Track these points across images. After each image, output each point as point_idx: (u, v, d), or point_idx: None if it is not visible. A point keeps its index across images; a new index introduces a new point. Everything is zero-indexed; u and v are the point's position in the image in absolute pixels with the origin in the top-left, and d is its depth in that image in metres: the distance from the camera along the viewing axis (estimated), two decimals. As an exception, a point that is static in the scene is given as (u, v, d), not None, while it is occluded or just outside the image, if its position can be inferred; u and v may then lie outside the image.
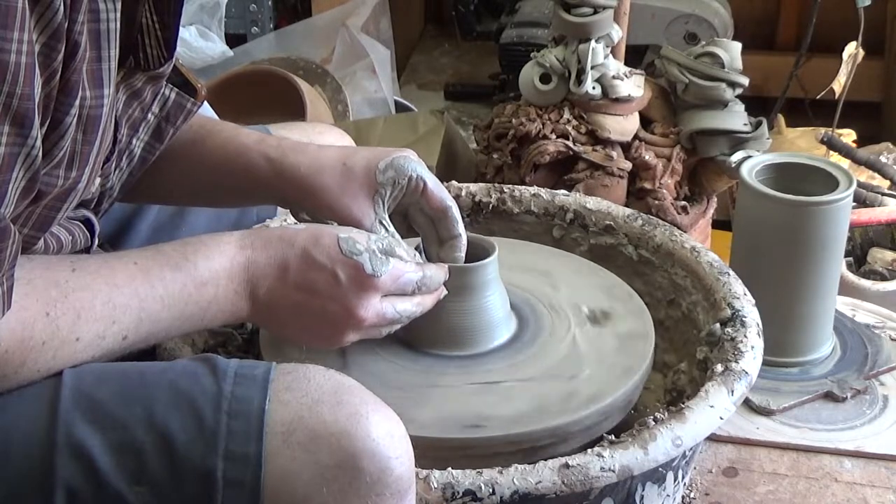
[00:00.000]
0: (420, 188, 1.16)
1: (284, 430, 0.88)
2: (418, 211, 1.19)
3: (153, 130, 1.09)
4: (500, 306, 1.24)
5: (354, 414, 0.89)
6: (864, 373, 1.56)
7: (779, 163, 1.56)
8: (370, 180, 1.14)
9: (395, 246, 1.09)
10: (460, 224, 1.19)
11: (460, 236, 1.18)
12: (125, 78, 1.00)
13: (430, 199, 1.17)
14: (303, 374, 0.92)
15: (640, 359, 1.22)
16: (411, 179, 1.15)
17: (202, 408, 0.88)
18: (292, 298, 1.04)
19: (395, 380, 1.18)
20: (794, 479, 1.42)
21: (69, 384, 0.90)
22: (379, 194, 1.14)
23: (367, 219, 1.13)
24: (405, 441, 0.92)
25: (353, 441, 0.88)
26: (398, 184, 1.15)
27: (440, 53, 3.31)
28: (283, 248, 1.03)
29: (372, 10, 2.68)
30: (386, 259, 1.05)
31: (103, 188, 1.06)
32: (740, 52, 1.83)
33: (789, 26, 3.04)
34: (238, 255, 1.02)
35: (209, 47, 2.56)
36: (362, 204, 1.14)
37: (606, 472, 1.05)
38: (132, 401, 0.89)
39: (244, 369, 0.92)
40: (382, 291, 1.06)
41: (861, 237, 2.05)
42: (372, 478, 0.88)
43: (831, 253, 1.51)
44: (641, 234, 1.43)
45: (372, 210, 1.14)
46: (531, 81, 1.83)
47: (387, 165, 1.14)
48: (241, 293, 1.02)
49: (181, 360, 0.95)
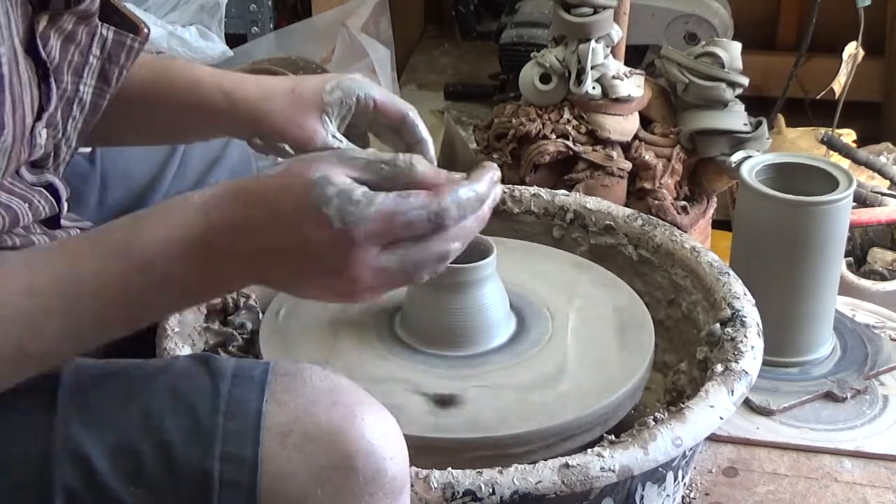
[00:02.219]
0: (371, 105, 1.18)
1: (281, 432, 0.87)
2: (382, 127, 1.21)
3: (98, 73, 1.07)
4: (499, 306, 1.24)
5: (349, 415, 0.89)
6: (864, 373, 1.56)
7: (779, 163, 1.56)
8: (317, 102, 1.16)
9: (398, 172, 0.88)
10: (422, 128, 1.20)
11: (425, 140, 1.20)
12: (53, 22, 0.98)
13: (385, 112, 1.19)
14: (299, 374, 0.91)
15: (636, 367, 1.22)
16: (359, 99, 1.18)
17: (199, 409, 0.88)
18: (266, 262, 0.88)
19: (391, 378, 1.18)
20: (794, 479, 1.42)
21: (66, 385, 0.90)
22: (326, 113, 1.16)
23: (317, 136, 1.16)
24: (400, 441, 0.92)
25: (348, 441, 0.88)
26: (345, 103, 1.17)
27: (440, 53, 3.31)
28: (247, 206, 0.87)
29: (372, 10, 2.68)
30: (368, 200, 0.85)
31: (56, 140, 1.04)
32: (740, 52, 1.83)
33: (789, 26, 3.04)
34: (196, 220, 0.87)
35: (209, 47, 2.56)
36: (311, 124, 1.16)
37: (606, 472, 1.05)
38: (129, 402, 0.89)
39: (242, 370, 0.91)
40: (373, 243, 0.85)
41: (861, 237, 2.05)
42: (366, 478, 0.88)
43: (831, 253, 1.51)
44: (641, 234, 1.43)
45: (321, 128, 1.16)
46: (531, 81, 1.83)
47: (333, 87, 1.17)
48: (202, 263, 0.87)
49: (179, 359, 0.95)
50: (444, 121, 2.11)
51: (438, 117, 2.13)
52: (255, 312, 1.34)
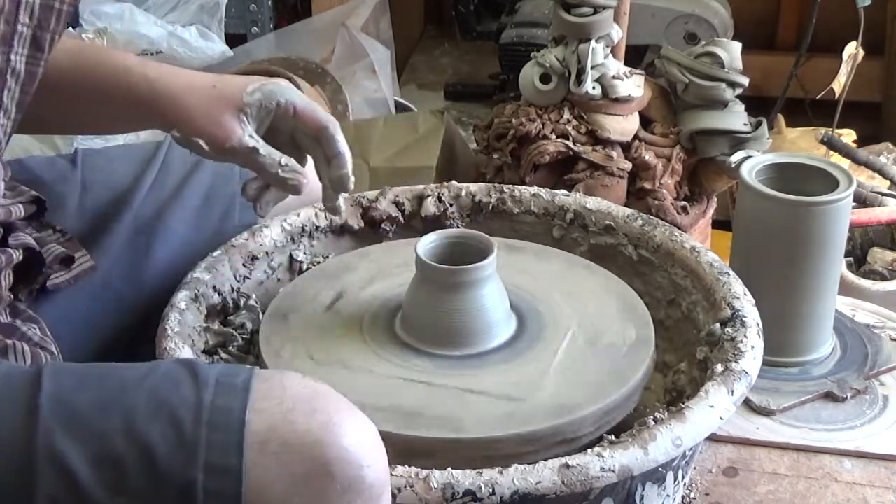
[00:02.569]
0: (291, 112, 1.19)
1: (260, 440, 0.87)
2: (303, 135, 1.21)
3: (30, 41, 1.05)
4: (499, 306, 1.24)
5: (327, 422, 0.88)
6: (864, 373, 1.56)
7: (779, 163, 1.56)
8: (237, 101, 1.17)
9: None
10: (340, 142, 1.21)
11: (341, 154, 1.20)
12: None
13: (304, 122, 1.20)
14: (279, 381, 0.91)
15: (636, 368, 1.22)
16: (279, 104, 1.18)
17: (182, 418, 0.87)
18: None
19: (390, 378, 1.18)
20: (794, 479, 1.42)
21: (47, 391, 0.89)
22: (245, 114, 1.17)
23: (234, 135, 1.16)
24: (378, 448, 0.91)
25: (325, 449, 0.87)
26: (265, 106, 1.18)
27: (440, 53, 3.31)
28: None
29: (372, 10, 2.68)
30: None
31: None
32: (740, 52, 1.83)
33: (789, 26, 3.04)
34: None
35: (209, 47, 2.56)
36: (229, 122, 1.17)
37: (606, 472, 1.05)
38: (112, 410, 0.88)
39: (225, 377, 0.90)
40: None
41: (861, 237, 2.05)
42: (343, 486, 0.87)
43: (831, 253, 1.51)
44: (641, 234, 1.43)
45: (239, 127, 1.17)
46: (531, 81, 1.83)
47: (255, 89, 1.18)
48: None
49: (163, 364, 0.94)
50: (444, 121, 2.11)
51: (438, 117, 2.13)
52: (255, 312, 1.34)
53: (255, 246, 1.38)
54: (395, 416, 1.13)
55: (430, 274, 1.23)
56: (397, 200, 1.49)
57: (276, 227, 1.41)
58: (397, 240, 1.47)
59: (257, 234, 1.39)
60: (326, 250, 1.46)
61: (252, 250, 1.38)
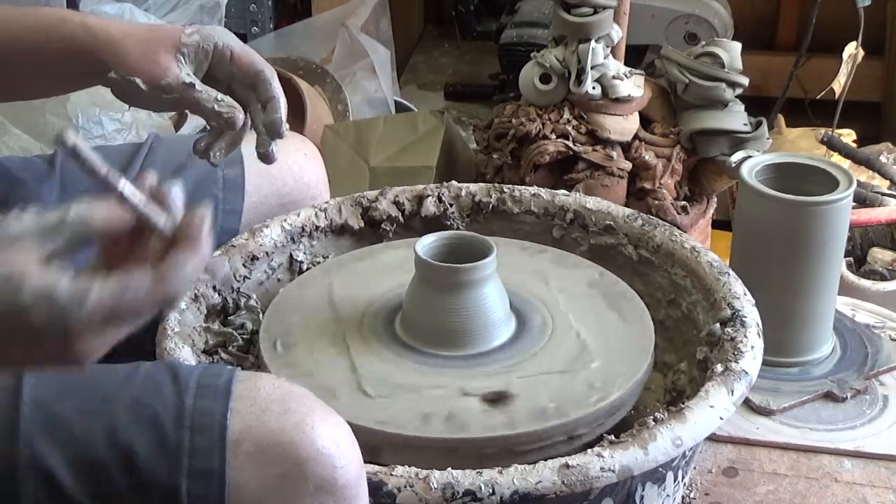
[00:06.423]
0: (228, 56, 1.18)
1: (234, 441, 0.87)
2: (239, 84, 1.20)
3: None
4: (499, 306, 1.24)
5: (300, 423, 0.89)
6: (864, 373, 1.56)
7: (779, 163, 1.56)
8: (174, 41, 1.16)
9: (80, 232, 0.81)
10: (275, 87, 1.20)
11: (275, 98, 1.19)
12: None
13: (240, 66, 1.19)
14: (254, 383, 0.91)
15: (636, 367, 1.22)
16: (217, 46, 1.17)
17: (164, 423, 0.87)
18: None
19: (392, 380, 1.18)
20: (794, 479, 1.42)
21: (28, 398, 0.88)
22: (182, 54, 1.16)
23: (170, 73, 1.15)
24: (352, 449, 0.91)
25: (298, 450, 0.87)
26: (203, 48, 1.17)
27: (440, 53, 3.30)
28: None
29: (372, 10, 2.68)
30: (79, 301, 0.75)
31: None
32: (740, 52, 1.83)
33: (789, 26, 3.04)
34: None
35: (209, 47, 2.56)
36: (165, 61, 1.16)
37: (606, 472, 1.05)
38: (93, 416, 0.88)
39: (206, 378, 0.91)
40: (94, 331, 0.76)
41: (861, 237, 2.05)
42: (316, 486, 0.88)
43: (831, 253, 1.51)
44: (641, 234, 1.43)
45: (176, 66, 1.16)
46: (531, 81, 1.83)
47: (193, 31, 1.17)
48: None
49: (144, 367, 0.93)
50: (444, 121, 2.11)
51: (438, 117, 2.13)
52: (256, 312, 1.34)
53: (255, 246, 1.38)
54: (394, 416, 1.13)
55: (430, 273, 1.23)
56: (397, 200, 1.49)
57: (276, 228, 1.41)
58: (397, 240, 1.47)
59: (257, 234, 1.39)
60: (326, 250, 1.46)
61: (252, 250, 1.38)
